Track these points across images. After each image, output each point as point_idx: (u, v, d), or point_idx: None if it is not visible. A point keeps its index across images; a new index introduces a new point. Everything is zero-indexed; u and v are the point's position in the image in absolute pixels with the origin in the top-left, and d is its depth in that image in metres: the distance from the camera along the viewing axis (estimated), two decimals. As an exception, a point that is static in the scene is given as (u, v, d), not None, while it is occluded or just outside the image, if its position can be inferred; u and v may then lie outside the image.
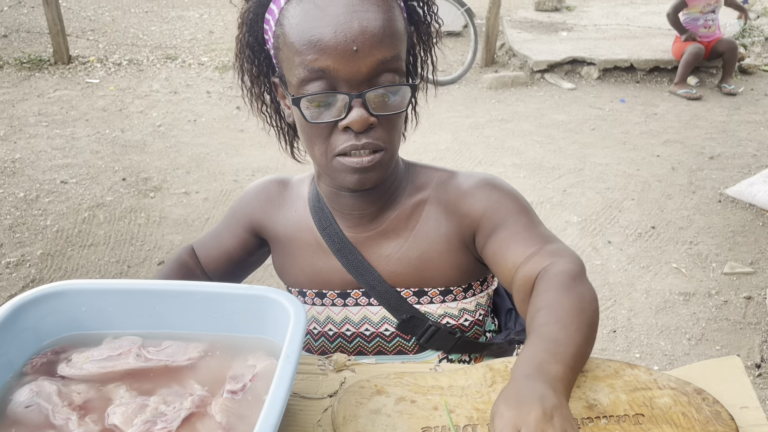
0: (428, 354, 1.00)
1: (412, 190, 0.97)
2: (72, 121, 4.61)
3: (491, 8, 5.68)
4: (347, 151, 0.83)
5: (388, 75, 0.81)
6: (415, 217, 0.96)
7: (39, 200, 3.50)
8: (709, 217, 3.33)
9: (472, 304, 1.00)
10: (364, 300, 0.99)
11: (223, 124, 4.59)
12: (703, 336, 2.50)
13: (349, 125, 0.81)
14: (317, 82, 0.80)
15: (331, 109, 0.81)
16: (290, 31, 0.80)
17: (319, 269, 1.00)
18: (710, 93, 5.26)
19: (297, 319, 0.75)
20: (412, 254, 0.96)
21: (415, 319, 0.97)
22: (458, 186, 0.95)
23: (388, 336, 1.00)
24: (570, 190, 3.63)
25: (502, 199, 0.92)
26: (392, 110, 0.83)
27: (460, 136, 4.44)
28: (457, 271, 0.97)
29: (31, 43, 6.14)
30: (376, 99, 0.81)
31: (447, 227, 0.94)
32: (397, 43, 0.82)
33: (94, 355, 0.78)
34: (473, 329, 1.01)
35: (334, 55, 0.78)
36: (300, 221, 1.01)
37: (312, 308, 1.02)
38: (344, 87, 0.80)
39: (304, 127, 0.85)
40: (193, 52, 6.09)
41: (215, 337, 0.82)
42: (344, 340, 1.02)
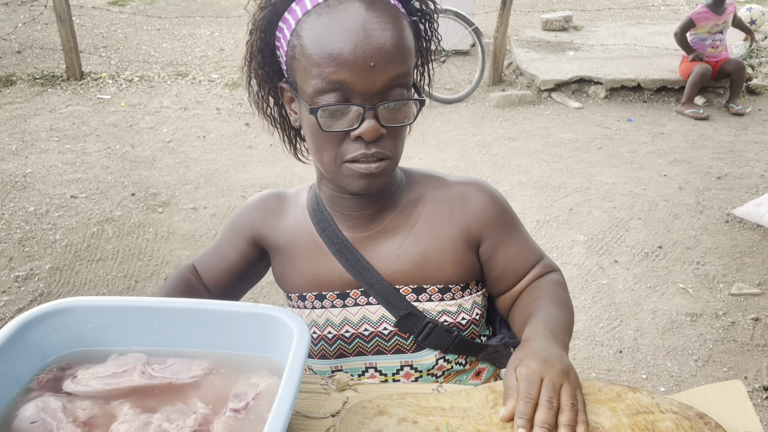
0: (426, 353, 1.01)
1: (410, 190, 1.03)
2: (83, 137, 4.66)
3: (499, 27, 5.72)
4: (357, 159, 0.88)
5: (398, 90, 0.87)
6: (414, 215, 1.01)
7: (49, 214, 3.54)
8: (717, 237, 3.32)
9: (469, 302, 1.02)
10: (363, 299, 1.01)
11: (232, 141, 4.63)
12: (710, 357, 2.48)
13: (361, 135, 0.86)
14: (333, 93, 0.85)
15: (344, 119, 0.87)
16: (309, 43, 0.85)
17: (318, 271, 1.02)
18: (717, 113, 5.26)
19: (300, 338, 0.75)
20: (412, 251, 0.99)
21: (413, 317, 0.98)
22: (459, 190, 1.02)
23: (387, 335, 1.01)
24: (576, 208, 3.63)
25: (504, 212, 1.02)
26: (400, 122, 0.89)
27: (467, 154, 4.45)
28: (458, 269, 1.00)
29: (45, 59, 6.23)
30: (387, 111, 0.87)
31: (450, 227, 1.00)
32: (408, 60, 0.88)
33: (100, 372, 0.79)
34: (470, 328, 1.03)
35: (353, 70, 0.83)
36: (299, 226, 1.04)
37: (312, 312, 1.04)
38: (358, 99, 0.85)
39: (316, 134, 0.89)
40: (204, 69, 6.15)
41: (219, 354, 0.83)
42: (343, 342, 1.03)
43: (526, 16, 7.76)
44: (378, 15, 0.84)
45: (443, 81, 5.89)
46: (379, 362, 1.03)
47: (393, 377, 1.03)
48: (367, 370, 1.04)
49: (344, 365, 1.04)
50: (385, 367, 1.03)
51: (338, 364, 1.05)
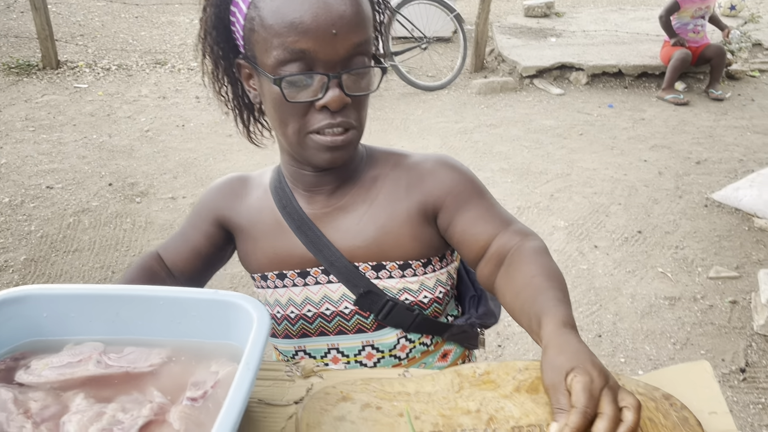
0: (387, 332, 1.00)
1: (370, 166, 1.01)
2: (59, 126, 4.58)
3: (480, 14, 5.70)
4: (322, 129, 0.87)
5: (360, 58, 0.86)
6: (373, 191, 0.99)
7: (24, 205, 3.48)
8: (696, 221, 3.34)
9: (432, 280, 1.00)
10: (324, 278, 0.99)
11: (212, 129, 4.58)
12: (688, 340, 2.50)
13: (326, 104, 0.85)
14: (295, 63, 0.84)
15: (308, 89, 0.85)
16: (268, 14, 0.84)
17: (279, 249, 1.01)
18: (697, 98, 5.29)
19: (259, 324, 0.74)
20: (370, 227, 0.97)
21: (373, 294, 0.97)
22: (418, 164, 1.00)
23: (348, 314, 1.00)
24: (557, 194, 3.64)
25: (464, 180, 0.98)
26: (364, 91, 0.89)
27: (448, 141, 4.44)
28: (417, 244, 0.98)
29: (20, 47, 6.11)
30: (350, 80, 0.86)
31: (408, 201, 0.98)
32: (367, 28, 0.87)
33: (54, 362, 0.77)
34: (432, 306, 1.01)
35: (315, 38, 0.82)
36: (261, 205, 1.03)
37: (274, 291, 1.03)
38: (321, 68, 0.84)
39: (280, 106, 0.88)
40: (183, 57, 6.07)
41: (179, 342, 0.81)
42: (306, 322, 1.02)
43: (508, 3, 7.74)
44: None
45: (425, 68, 5.87)
46: (341, 343, 1.02)
47: (355, 358, 1.02)
48: (329, 351, 1.03)
49: (307, 346, 1.04)
50: (347, 347, 1.02)
51: (302, 344, 1.04)
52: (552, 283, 0.83)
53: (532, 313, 0.80)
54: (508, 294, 0.87)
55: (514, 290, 0.86)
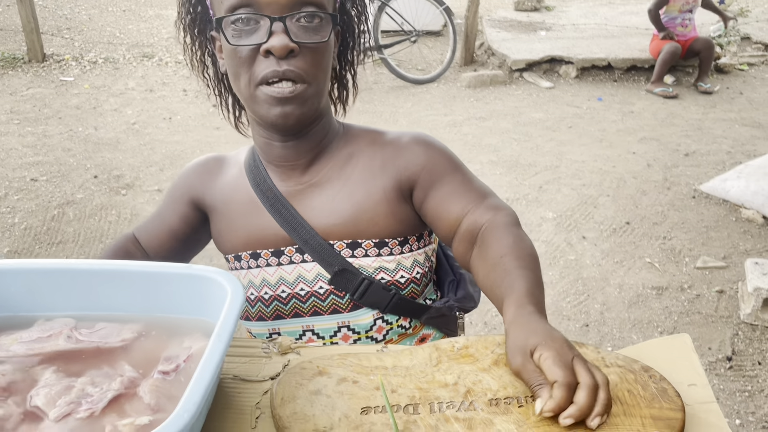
0: (363, 312, 0.98)
1: (345, 143, 0.99)
2: (44, 119, 4.54)
3: (470, 7, 5.69)
4: (269, 78, 0.85)
5: (309, 7, 0.85)
6: (348, 168, 0.97)
7: (8, 198, 3.44)
8: (683, 212, 3.35)
9: (409, 260, 0.99)
10: (298, 257, 0.98)
11: (199, 122, 4.55)
12: (675, 329, 2.50)
13: (269, 49, 0.84)
14: (242, 9, 0.84)
15: (254, 35, 0.85)
16: None
17: (253, 228, 0.99)
18: (686, 91, 5.30)
19: (233, 297, 0.72)
20: (345, 205, 0.96)
21: (348, 273, 0.95)
22: (393, 140, 0.98)
23: (323, 294, 0.98)
24: (546, 186, 3.64)
25: (439, 156, 0.96)
26: (311, 39, 0.86)
27: (438, 134, 4.42)
28: (393, 221, 0.96)
29: (5, 41, 6.05)
30: (297, 27, 0.85)
31: (383, 178, 0.96)
32: None
33: (23, 337, 0.75)
34: (409, 287, 1.00)
35: None
36: (236, 183, 1.02)
37: (248, 273, 1.01)
38: (267, 13, 0.84)
39: (231, 58, 0.87)
40: (171, 50, 6.03)
41: (152, 318, 0.79)
42: (280, 303, 1.00)
43: (498, -3, 7.75)
44: None
45: (415, 61, 5.85)
46: (316, 324, 1.00)
47: (330, 340, 1.00)
48: (304, 333, 1.01)
49: (281, 328, 1.02)
50: (322, 329, 1.00)
51: (275, 326, 1.02)
52: (519, 262, 0.81)
53: (498, 295, 0.80)
54: (481, 274, 0.87)
55: (485, 271, 0.85)
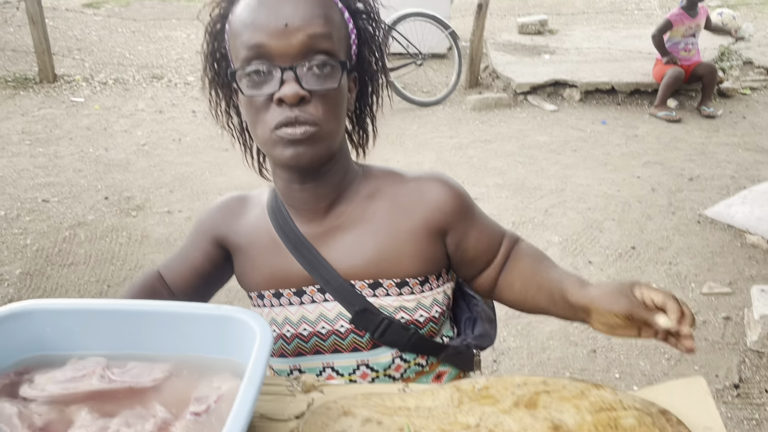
0: (382, 351, 1.00)
1: (366, 185, 1.02)
2: (56, 140, 4.59)
3: (475, 31, 5.76)
4: (282, 123, 0.88)
5: (320, 56, 0.88)
6: (370, 209, 1.00)
7: (20, 219, 3.48)
8: (689, 237, 3.37)
9: (429, 299, 1.01)
10: (320, 297, 1.00)
11: (208, 144, 4.59)
12: (682, 356, 2.51)
13: (282, 97, 0.87)
14: (255, 61, 0.87)
15: (268, 85, 0.88)
16: (235, 23, 0.90)
17: (276, 268, 1.02)
18: (689, 115, 5.34)
19: (262, 339, 0.75)
20: (368, 245, 0.98)
21: (368, 312, 0.98)
22: (415, 182, 1.02)
23: (343, 333, 1.00)
24: (551, 210, 3.66)
25: (463, 197, 1.03)
26: (323, 85, 0.89)
27: (443, 156, 4.47)
28: (418, 261, 0.99)
29: (17, 61, 6.13)
30: (308, 74, 0.88)
31: (410, 219, 0.99)
32: (328, 24, 0.89)
33: (57, 377, 0.77)
34: (428, 326, 1.02)
35: (267, 31, 0.86)
36: (258, 224, 1.05)
37: (271, 310, 1.03)
38: (277, 63, 0.87)
39: (247, 108, 0.91)
40: (180, 71, 6.10)
41: (182, 357, 0.82)
42: (301, 341, 1.02)
43: (502, 20, 7.82)
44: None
45: (420, 84, 5.91)
46: (336, 362, 1.02)
47: (350, 377, 1.02)
48: (324, 370, 1.03)
49: (302, 364, 1.04)
50: (342, 366, 1.02)
51: (297, 363, 1.04)
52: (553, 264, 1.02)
53: (551, 287, 0.97)
54: (517, 284, 1.03)
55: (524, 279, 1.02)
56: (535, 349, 2.55)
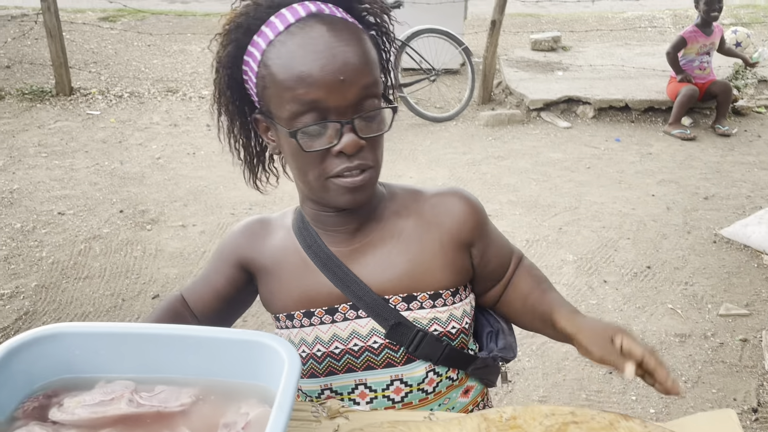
0: (416, 365, 1.02)
1: (391, 203, 1.05)
2: (71, 153, 4.63)
3: (488, 47, 5.78)
4: (341, 173, 0.91)
5: (370, 100, 0.90)
6: (398, 225, 1.03)
7: (35, 231, 3.50)
8: (705, 257, 3.34)
9: (459, 310, 1.03)
10: (352, 313, 1.01)
11: (222, 158, 4.61)
12: (699, 379, 2.49)
13: (342, 150, 0.89)
14: (309, 114, 0.88)
15: (323, 137, 0.89)
16: (278, 70, 0.88)
17: (306, 288, 1.03)
18: (704, 134, 5.32)
19: (291, 365, 0.75)
20: (400, 259, 1.01)
21: (403, 326, 0.99)
22: (437, 196, 1.06)
23: (377, 348, 1.01)
24: (566, 228, 3.65)
25: (482, 212, 1.08)
26: (377, 132, 0.92)
27: (456, 173, 4.47)
28: (449, 272, 1.02)
29: (34, 74, 6.21)
30: (363, 123, 0.90)
31: (438, 231, 1.03)
32: (374, 70, 0.91)
33: (86, 400, 0.78)
34: (459, 337, 1.04)
35: (324, 87, 0.86)
36: (285, 246, 1.05)
37: (300, 331, 1.03)
38: (333, 115, 0.88)
39: (298, 156, 0.92)
40: (194, 85, 6.16)
41: (208, 382, 0.82)
42: (333, 359, 1.03)
43: (515, 36, 7.85)
44: (339, 33, 0.88)
45: (433, 99, 5.93)
46: (368, 378, 1.03)
47: (383, 393, 1.03)
48: (356, 387, 1.03)
49: (333, 383, 1.04)
50: (375, 382, 1.03)
51: (328, 382, 1.04)
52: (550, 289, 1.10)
53: (543, 311, 1.04)
54: (518, 302, 1.10)
55: (522, 298, 1.10)
56: (550, 370, 2.53)
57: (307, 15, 0.88)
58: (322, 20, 0.88)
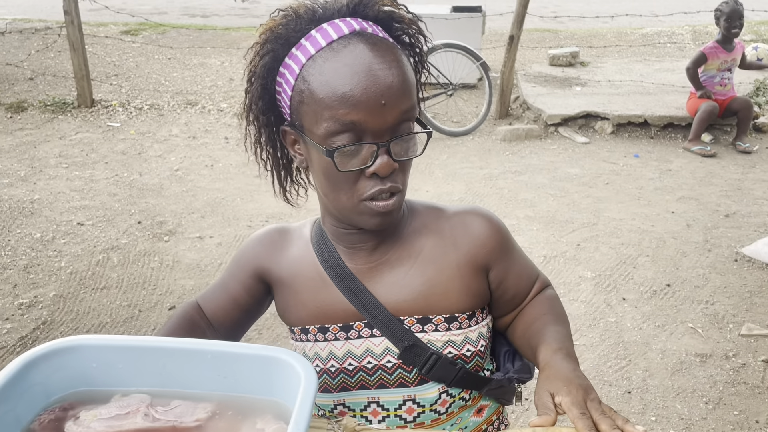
0: (429, 386, 1.00)
1: (411, 220, 1.04)
2: (92, 164, 4.69)
3: (506, 62, 5.77)
4: (375, 196, 0.90)
5: (406, 124, 0.89)
6: (417, 245, 1.01)
7: (55, 241, 3.54)
8: (726, 276, 3.29)
9: (475, 333, 1.01)
10: (367, 332, 1.00)
11: (240, 170, 4.65)
12: (720, 400, 2.44)
13: (376, 172, 0.88)
14: (345, 134, 0.87)
15: (358, 157, 0.88)
16: (318, 87, 0.87)
17: (321, 303, 1.02)
18: (725, 150, 5.26)
19: (307, 382, 0.74)
20: (417, 281, 0.99)
21: (417, 348, 0.98)
22: (458, 217, 1.04)
23: (390, 368, 1.00)
24: (584, 244, 3.61)
25: (504, 234, 1.05)
26: (411, 155, 0.92)
27: (473, 187, 4.45)
28: (465, 295, 1.00)
29: (56, 86, 6.31)
30: (397, 146, 0.89)
31: (455, 253, 1.01)
32: (413, 94, 0.91)
33: (102, 414, 0.77)
34: (474, 360, 1.01)
35: (365, 110, 0.85)
36: (303, 258, 1.05)
37: (315, 345, 1.03)
38: (370, 136, 0.87)
39: (331, 175, 0.91)
40: (213, 98, 6.21)
41: (224, 397, 0.81)
42: (346, 376, 1.01)
43: (533, 51, 7.84)
44: (382, 55, 0.87)
45: (450, 114, 5.93)
46: (381, 397, 1.01)
47: (395, 412, 1.01)
48: (369, 405, 1.02)
49: (347, 399, 1.03)
50: (388, 401, 1.01)
51: (341, 398, 1.03)
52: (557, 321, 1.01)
53: (533, 345, 0.97)
54: (519, 329, 1.05)
55: (525, 326, 1.03)
56: (567, 388, 2.49)
57: (350, 33, 0.87)
58: (365, 39, 0.87)
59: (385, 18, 0.92)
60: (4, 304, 2.97)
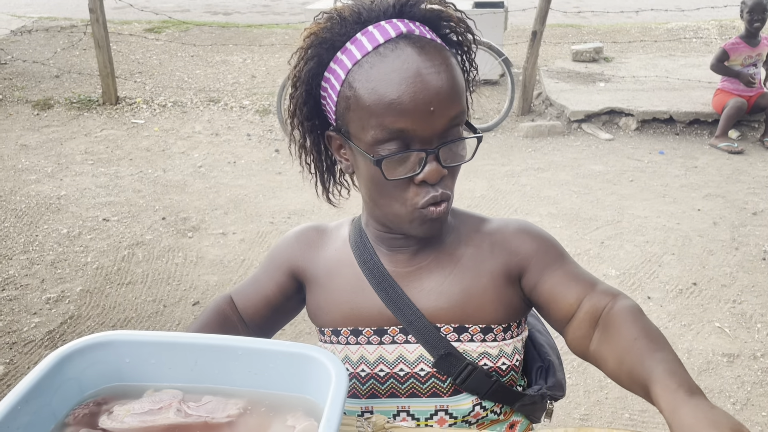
0: (463, 398, 0.98)
1: (454, 228, 1.02)
2: (117, 160, 4.74)
3: (529, 58, 5.73)
4: (429, 204, 0.88)
5: (455, 129, 0.88)
6: (458, 253, 1.00)
7: (81, 237, 3.59)
8: (753, 275, 3.24)
9: (510, 347, 0.99)
10: (401, 337, 0.98)
11: (262, 167, 4.67)
12: (748, 401, 2.40)
13: (425, 179, 0.87)
14: (393, 141, 0.86)
15: (406, 164, 0.87)
16: (365, 93, 0.85)
17: (357, 305, 1.00)
18: (752, 147, 5.17)
19: (338, 380, 0.74)
20: (455, 288, 0.97)
21: (452, 357, 0.95)
22: (500, 227, 1.02)
23: (423, 376, 0.98)
24: (608, 242, 3.58)
25: (548, 244, 1.00)
26: (460, 160, 0.90)
27: (495, 184, 4.43)
28: (499, 306, 0.97)
29: (82, 83, 6.39)
30: (446, 152, 0.88)
31: (491, 263, 0.98)
32: (462, 99, 0.89)
33: (135, 408, 0.78)
34: (509, 374, 0.99)
35: (414, 117, 0.83)
36: (340, 258, 1.03)
37: (345, 348, 1.01)
38: (418, 144, 0.85)
39: (380, 183, 0.89)
40: (236, 95, 6.25)
41: (255, 393, 0.82)
42: (377, 382, 1.00)
43: (555, 47, 7.77)
44: (431, 59, 0.84)
45: (472, 110, 5.89)
46: (412, 406, 1.00)
47: (426, 422, 1.00)
48: (398, 414, 1.01)
49: (375, 407, 1.01)
50: (419, 411, 1.00)
51: (369, 405, 1.02)
52: (656, 345, 0.79)
53: (639, 381, 0.77)
54: (611, 361, 0.84)
55: (617, 356, 0.82)
56: (592, 388, 2.47)
57: (397, 35, 0.85)
58: (412, 42, 0.85)
59: (433, 17, 0.90)
60: (33, 298, 3.02)
